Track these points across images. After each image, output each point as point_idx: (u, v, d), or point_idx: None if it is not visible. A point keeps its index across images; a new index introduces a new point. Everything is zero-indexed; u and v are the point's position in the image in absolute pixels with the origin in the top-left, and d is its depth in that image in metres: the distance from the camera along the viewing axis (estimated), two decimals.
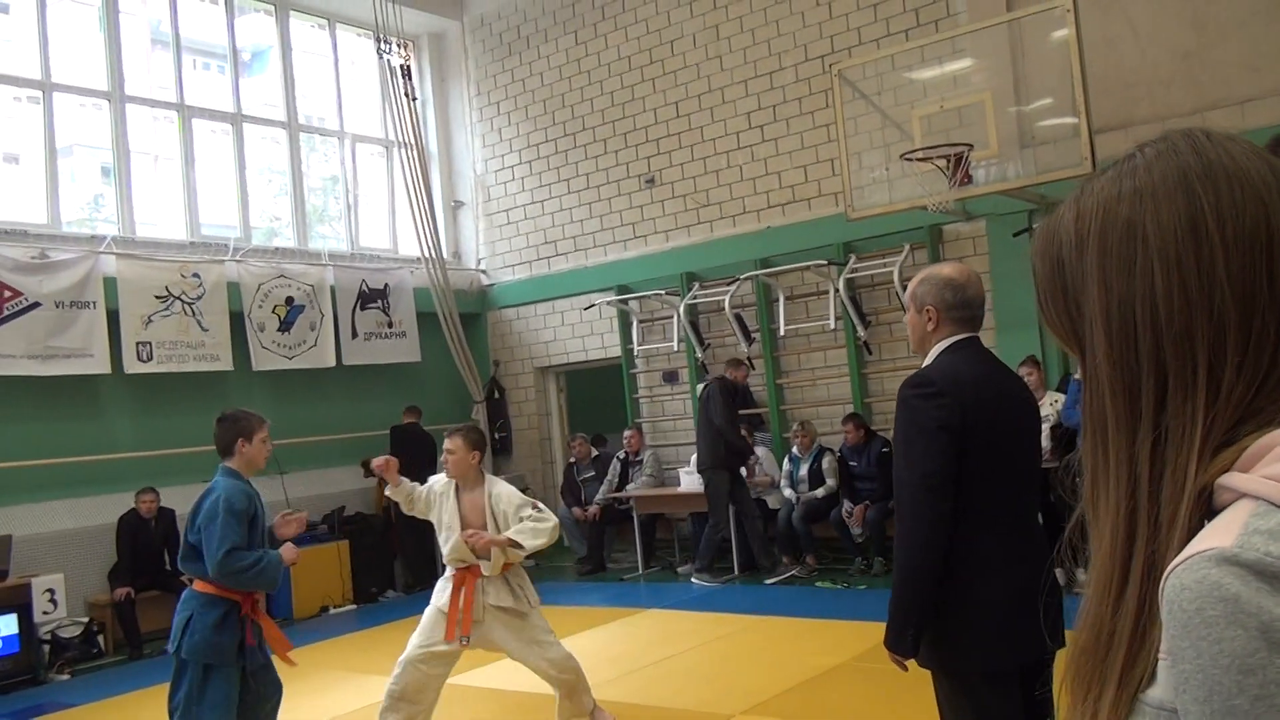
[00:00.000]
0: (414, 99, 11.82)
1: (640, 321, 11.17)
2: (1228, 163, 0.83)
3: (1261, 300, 0.80)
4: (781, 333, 10.01)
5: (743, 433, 9.30)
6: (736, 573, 9.33)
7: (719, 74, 10.61)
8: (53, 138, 9.46)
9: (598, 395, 12.46)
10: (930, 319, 2.77)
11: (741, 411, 9.64)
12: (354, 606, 9.88)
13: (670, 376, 11.13)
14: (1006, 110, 8.48)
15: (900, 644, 2.65)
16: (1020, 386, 2.91)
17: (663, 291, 10.81)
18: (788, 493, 9.35)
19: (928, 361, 2.79)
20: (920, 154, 8.00)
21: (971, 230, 9.08)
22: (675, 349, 10.75)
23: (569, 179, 11.86)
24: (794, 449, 9.47)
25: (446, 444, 4.98)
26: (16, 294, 8.58)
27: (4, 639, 7.54)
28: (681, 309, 10.51)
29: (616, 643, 7.13)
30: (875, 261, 9.48)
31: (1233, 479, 0.77)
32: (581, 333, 11.89)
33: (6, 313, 8.52)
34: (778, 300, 10.03)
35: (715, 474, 9.08)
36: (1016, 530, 2.68)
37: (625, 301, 11.15)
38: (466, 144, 12.80)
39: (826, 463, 9.18)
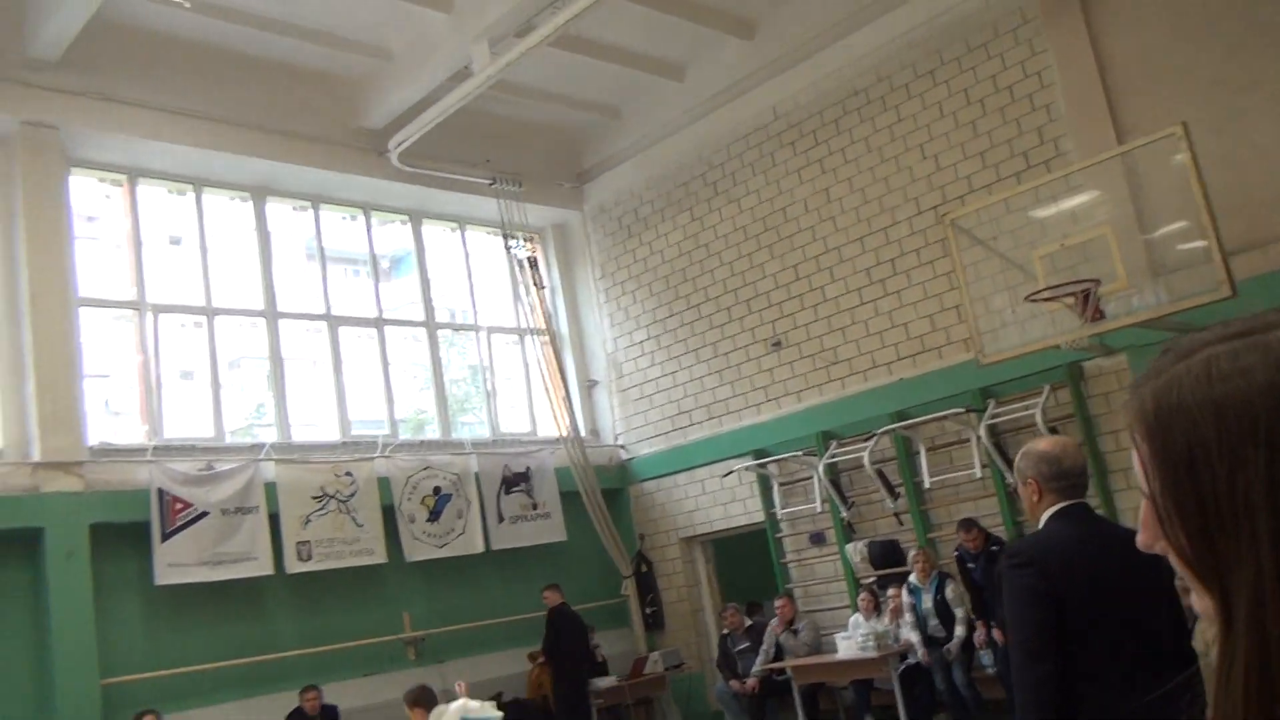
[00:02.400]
0: (542, 287, 12.38)
1: (780, 484, 11.08)
2: None
3: None
4: (926, 485, 9.78)
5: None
6: None
7: (834, 234, 10.79)
8: (215, 357, 10.21)
9: (746, 562, 12.28)
10: (1034, 491, 2.96)
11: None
12: None
13: (817, 538, 10.92)
14: (1132, 240, 8.32)
15: None
16: (1129, 544, 2.81)
17: (800, 452, 10.74)
18: (914, 637, 8.91)
19: (1038, 528, 2.97)
20: (1046, 294, 7.89)
21: (1113, 365, 8.82)
22: (819, 509, 10.58)
23: (697, 349, 12.08)
24: (911, 578, 9.10)
25: None
26: (187, 505, 9.12)
27: None
28: (821, 468, 10.40)
29: None
30: (1016, 405, 9.25)
31: None
32: (723, 500, 11.84)
33: (179, 523, 9.05)
34: (918, 452, 9.84)
35: None
36: (1130, 684, 2.71)
37: (764, 465, 11.11)
38: (596, 325, 13.22)
39: (951, 591, 8.76)
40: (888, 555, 9.94)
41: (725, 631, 10.82)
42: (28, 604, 8.43)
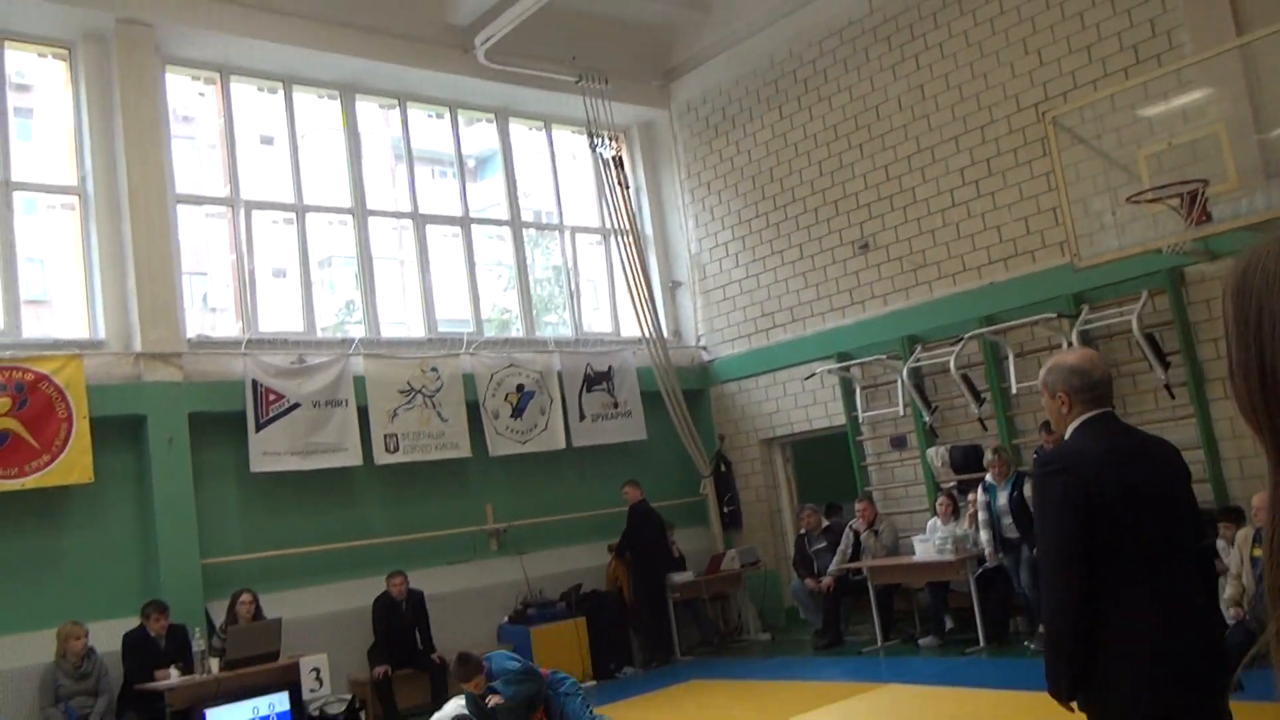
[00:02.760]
0: (627, 187, 12.29)
1: (863, 388, 10.99)
2: None
3: None
4: (1014, 391, 9.59)
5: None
6: (982, 644, 8.88)
7: (928, 133, 10.46)
8: (306, 254, 10.41)
9: (825, 464, 12.29)
10: (1063, 403, 3.09)
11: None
12: (594, 682, 10.04)
13: (898, 442, 10.85)
14: (1246, 140, 7.89)
15: (1056, 692, 2.96)
16: (1157, 450, 3.14)
17: (884, 356, 10.61)
18: (985, 535, 8.85)
19: (1065, 438, 3.10)
20: (1150, 195, 7.57)
21: (1217, 270, 8.45)
22: (901, 413, 10.48)
23: (782, 250, 11.93)
24: (988, 477, 9.00)
25: None
26: (280, 397, 9.43)
27: (279, 715, 8.14)
28: (905, 373, 10.27)
29: (856, 718, 6.92)
30: (1110, 311, 8.96)
31: None
32: (804, 402, 11.81)
33: (272, 414, 9.37)
34: (1006, 358, 9.64)
35: None
36: (1159, 586, 2.89)
37: (846, 368, 11.02)
38: (680, 225, 13.12)
39: (1029, 491, 8.65)
40: (969, 460, 9.84)
41: (802, 531, 10.90)
42: (134, 488, 8.86)
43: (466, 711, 6.64)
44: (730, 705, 7.99)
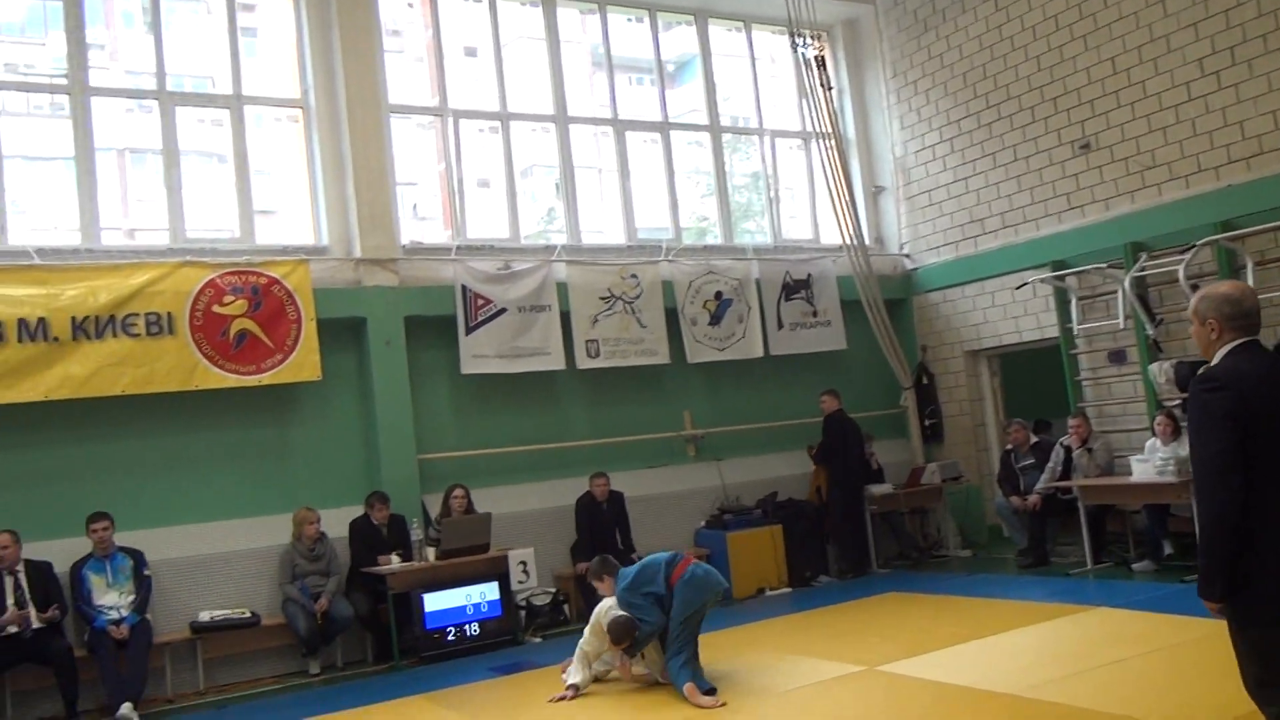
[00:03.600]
0: (829, 88, 11.90)
1: (1079, 298, 10.39)
2: None
3: None
4: None
5: None
6: None
7: (1161, 20, 9.59)
8: (511, 162, 10.64)
9: (1034, 379, 11.78)
10: (1214, 329, 3.32)
11: None
12: (789, 590, 10.13)
13: (1117, 356, 10.25)
14: None
15: (1210, 592, 3.19)
16: None
17: (1104, 265, 9.98)
18: None
19: (1213, 363, 3.30)
20: None
21: None
22: (1121, 326, 9.86)
23: (994, 152, 11.32)
24: None
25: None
26: (488, 302, 9.77)
27: (489, 604, 8.62)
28: (1127, 283, 9.64)
29: (1060, 641, 6.71)
30: None
31: None
32: (1014, 313, 11.30)
33: (480, 318, 9.73)
34: (1244, 267, 8.88)
35: None
36: None
37: (1061, 278, 10.44)
38: (884, 128, 12.64)
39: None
40: None
41: (1009, 447, 10.52)
42: (356, 386, 9.43)
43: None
44: (928, 619, 7.89)
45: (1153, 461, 8.74)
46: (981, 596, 8.63)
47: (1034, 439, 10.42)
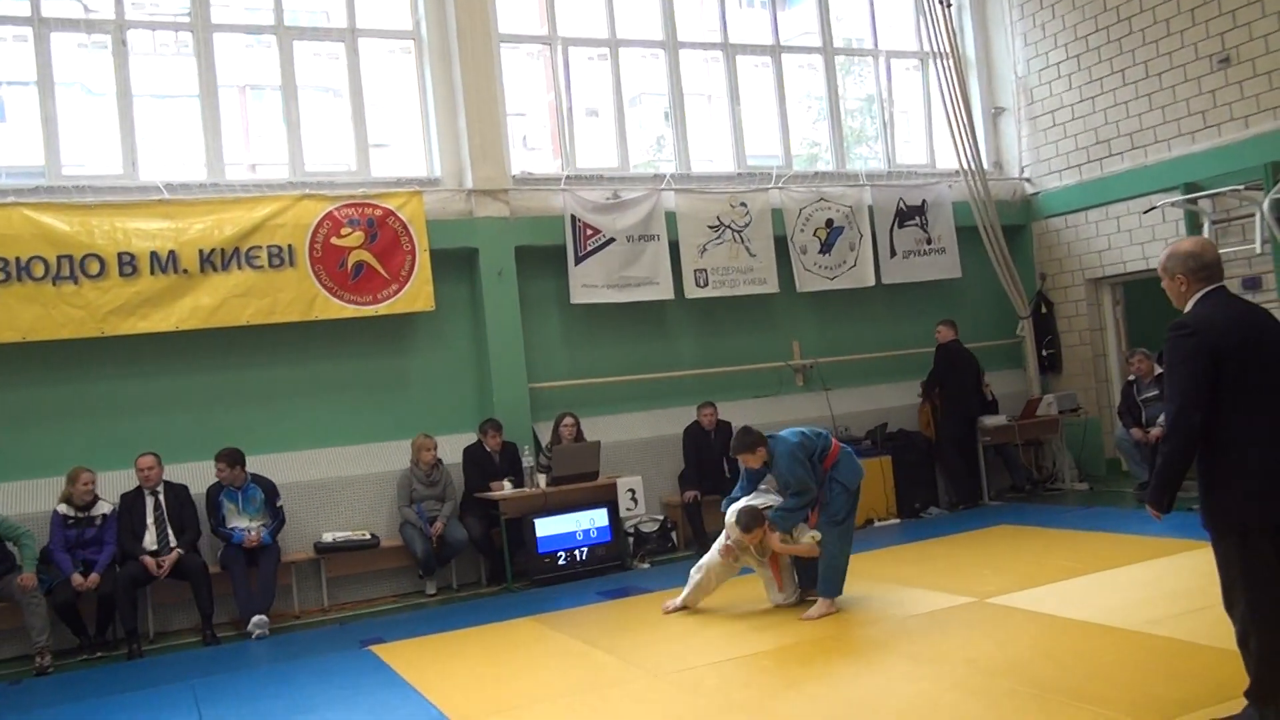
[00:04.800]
0: (949, 5, 11.46)
1: (1214, 222, 9.88)
2: None
3: None
4: None
5: None
6: None
7: None
8: (620, 88, 10.56)
9: (1160, 308, 11.23)
10: (1182, 283, 3.84)
11: None
12: (897, 520, 10.06)
13: (1252, 283, 9.74)
14: None
15: (1160, 501, 3.83)
16: (1262, 313, 3.91)
17: (1242, 186, 9.45)
18: None
19: (1186, 310, 3.82)
20: None
21: None
22: (1259, 251, 9.36)
23: (1124, 69, 10.75)
24: None
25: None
26: (596, 231, 9.80)
27: (599, 530, 8.80)
28: (1266, 205, 9.12)
29: (1179, 577, 6.51)
30: None
31: None
32: (1141, 239, 10.82)
33: (589, 248, 9.77)
34: None
35: None
36: (1272, 417, 3.67)
37: (1194, 201, 9.93)
38: (1006, 46, 12.11)
39: None
40: None
41: (1131, 378, 10.16)
42: (469, 315, 9.61)
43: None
44: (1041, 552, 7.75)
45: None
46: (1097, 530, 8.42)
47: (1158, 370, 10.02)
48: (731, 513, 6.58)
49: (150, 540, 7.60)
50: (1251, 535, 3.66)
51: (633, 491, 8.94)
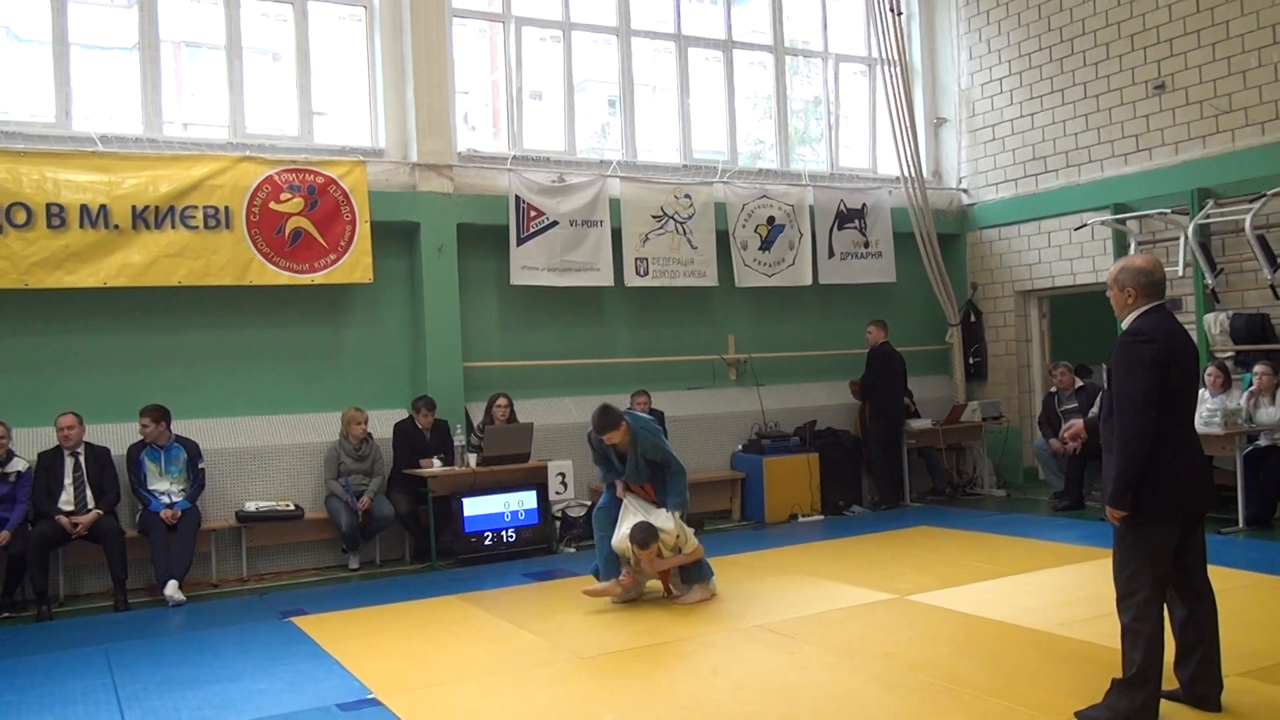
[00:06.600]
0: (899, 13, 11.63)
1: (1139, 243, 10.20)
2: None
3: None
4: None
5: None
6: (1241, 525, 8.37)
7: None
8: (571, 72, 10.53)
9: (1084, 322, 11.64)
10: (1130, 295, 4.14)
11: None
12: (820, 517, 10.22)
13: (1172, 304, 10.02)
14: None
15: (1122, 502, 3.98)
16: (1188, 336, 4.20)
17: (1168, 210, 9.77)
18: (1270, 414, 8.21)
19: (1127, 322, 4.13)
20: None
21: None
22: (1180, 274, 9.69)
23: (1063, 89, 11.04)
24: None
25: None
26: (540, 214, 9.77)
27: (527, 512, 8.79)
28: (1190, 229, 9.44)
29: (1091, 583, 6.73)
30: None
31: None
32: (1070, 255, 11.13)
33: (532, 230, 9.75)
34: None
35: None
36: (1191, 426, 4.14)
37: (1123, 221, 10.24)
38: (952, 58, 12.34)
39: None
40: (1252, 330, 9.05)
41: (1052, 390, 10.46)
42: (406, 290, 9.53)
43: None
44: (958, 553, 7.95)
45: (1199, 412, 8.65)
46: (1013, 535, 8.67)
47: (1079, 382, 10.34)
48: (619, 539, 6.58)
49: (67, 500, 7.42)
50: (1172, 525, 4.01)
51: (562, 475, 8.95)
